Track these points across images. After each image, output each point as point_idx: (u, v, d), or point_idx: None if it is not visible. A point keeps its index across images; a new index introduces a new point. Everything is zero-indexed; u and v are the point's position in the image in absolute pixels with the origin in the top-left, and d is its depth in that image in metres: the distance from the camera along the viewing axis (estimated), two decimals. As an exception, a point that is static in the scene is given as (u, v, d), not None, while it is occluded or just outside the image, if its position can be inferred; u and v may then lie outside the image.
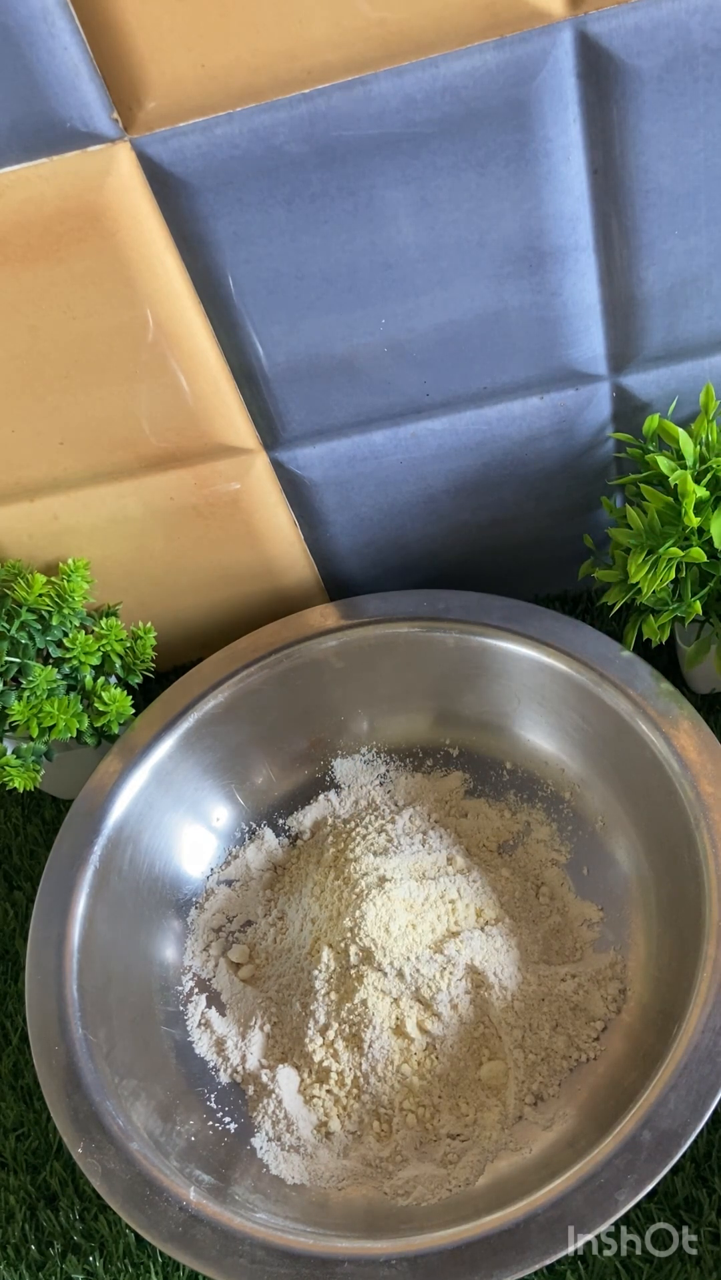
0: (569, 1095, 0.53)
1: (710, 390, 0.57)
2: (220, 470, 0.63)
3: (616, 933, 0.57)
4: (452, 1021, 0.55)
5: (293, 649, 0.65)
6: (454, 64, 0.46)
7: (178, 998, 0.60)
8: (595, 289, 0.54)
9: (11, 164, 0.48)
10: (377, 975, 0.55)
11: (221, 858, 0.65)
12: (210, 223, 0.51)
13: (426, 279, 0.53)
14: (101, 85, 0.46)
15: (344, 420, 0.60)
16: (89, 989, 0.55)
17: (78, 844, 0.60)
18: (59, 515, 0.65)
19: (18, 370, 0.56)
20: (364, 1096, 0.54)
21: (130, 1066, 0.54)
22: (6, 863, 0.70)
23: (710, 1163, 0.51)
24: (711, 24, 0.45)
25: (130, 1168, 0.49)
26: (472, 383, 0.58)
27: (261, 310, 0.54)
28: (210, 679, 0.65)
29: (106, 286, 0.53)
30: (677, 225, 0.52)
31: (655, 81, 0.47)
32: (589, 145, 0.49)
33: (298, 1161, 0.53)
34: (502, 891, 0.60)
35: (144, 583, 0.69)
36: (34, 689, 0.60)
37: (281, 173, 0.49)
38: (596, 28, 0.45)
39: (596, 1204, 0.44)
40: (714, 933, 0.50)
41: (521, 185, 0.50)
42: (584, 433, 0.62)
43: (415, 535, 0.68)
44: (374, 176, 0.49)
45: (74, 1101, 0.51)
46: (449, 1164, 0.52)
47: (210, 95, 0.46)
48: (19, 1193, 0.56)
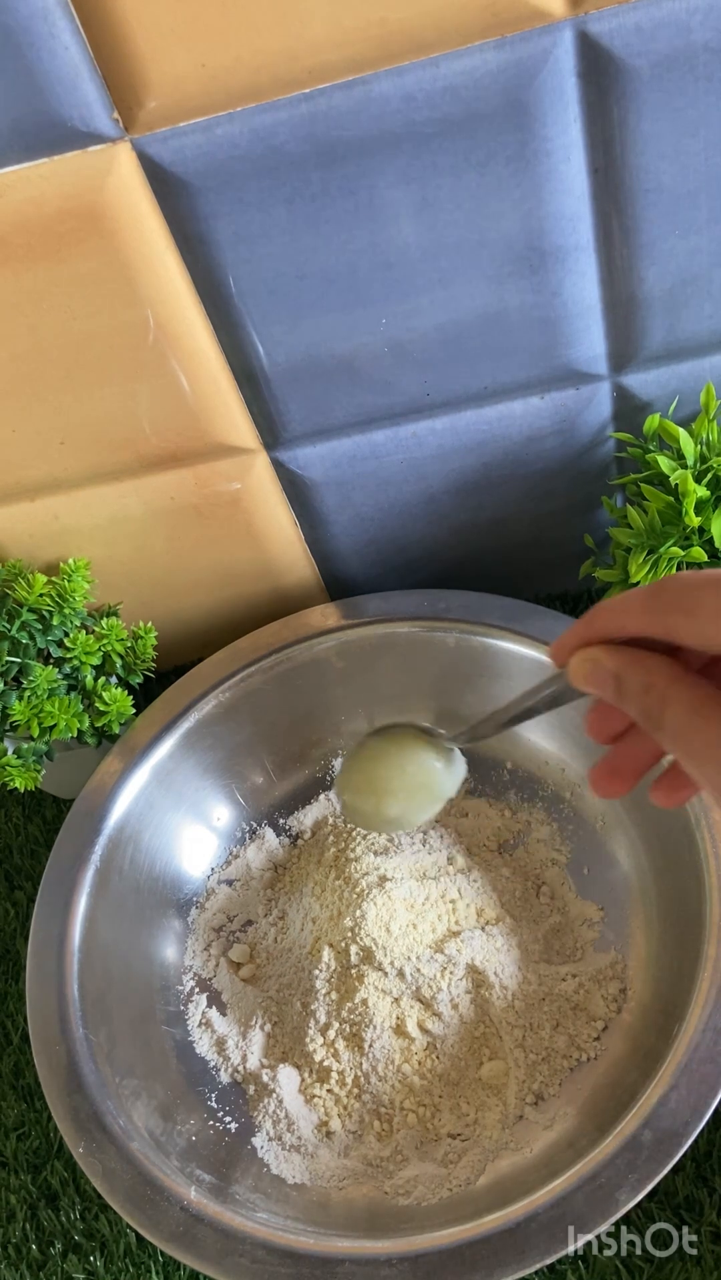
0: (569, 1095, 0.53)
1: (710, 390, 0.57)
2: (221, 470, 0.63)
3: (617, 932, 0.57)
4: (453, 1021, 0.55)
5: (293, 649, 0.65)
6: (454, 64, 0.46)
7: (178, 997, 0.60)
8: (595, 288, 0.54)
9: (12, 164, 0.48)
10: (378, 975, 0.55)
11: (222, 857, 0.65)
12: (211, 222, 0.51)
13: (427, 279, 0.53)
14: (102, 85, 0.46)
15: (344, 420, 0.60)
16: (90, 989, 0.55)
17: (78, 844, 0.60)
18: (59, 515, 0.65)
19: (18, 370, 0.56)
20: (364, 1096, 0.54)
21: (131, 1066, 0.54)
22: (7, 862, 0.70)
23: (710, 1162, 0.51)
24: (712, 23, 0.45)
25: (131, 1167, 0.49)
26: (473, 382, 0.58)
27: (262, 310, 0.54)
28: (211, 679, 0.65)
29: (107, 286, 0.53)
30: (678, 225, 0.52)
31: (655, 81, 0.47)
32: (589, 145, 0.49)
33: (298, 1161, 0.53)
34: (503, 891, 0.60)
35: (144, 582, 0.69)
36: (35, 689, 0.60)
37: (282, 172, 0.49)
38: (597, 27, 0.45)
39: (596, 1204, 0.44)
40: (714, 933, 0.50)
41: (522, 185, 0.50)
42: (584, 432, 0.62)
43: (415, 535, 0.68)
44: (374, 176, 0.49)
45: (75, 1101, 0.51)
46: (449, 1164, 0.52)
47: (211, 95, 0.46)
48: (20, 1192, 0.56)
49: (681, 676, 0.29)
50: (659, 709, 0.29)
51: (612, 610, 0.31)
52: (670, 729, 0.29)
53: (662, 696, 0.29)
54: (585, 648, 0.32)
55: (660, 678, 0.30)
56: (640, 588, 0.30)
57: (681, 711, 0.29)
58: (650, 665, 0.30)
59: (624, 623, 0.30)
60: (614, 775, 0.35)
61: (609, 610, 0.31)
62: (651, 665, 0.30)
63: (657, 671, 0.30)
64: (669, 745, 0.30)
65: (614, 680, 0.31)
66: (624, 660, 0.31)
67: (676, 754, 0.29)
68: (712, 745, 0.28)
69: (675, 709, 0.29)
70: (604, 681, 0.31)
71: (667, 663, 0.30)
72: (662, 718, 0.29)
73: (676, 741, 0.29)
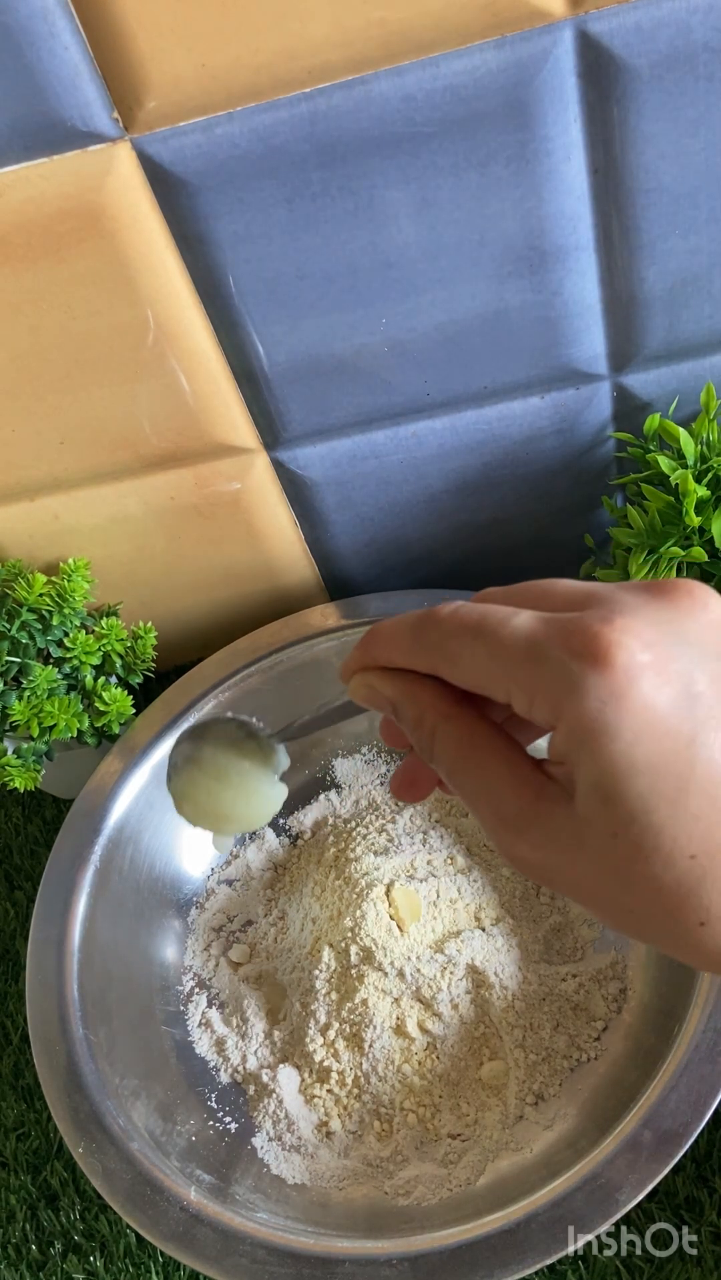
0: (569, 1095, 0.53)
1: (711, 389, 0.57)
2: (221, 470, 0.63)
3: (617, 932, 0.57)
4: (453, 1021, 0.55)
5: (293, 649, 0.65)
6: (454, 63, 0.46)
7: (178, 997, 0.60)
8: (596, 288, 0.54)
9: (12, 164, 0.48)
10: (378, 975, 0.55)
11: (222, 857, 0.65)
12: (211, 222, 0.51)
13: (427, 278, 0.53)
14: (102, 85, 0.46)
15: (344, 420, 0.60)
16: (89, 989, 0.55)
17: (78, 844, 0.60)
18: (59, 515, 0.65)
19: (18, 370, 0.56)
20: (364, 1096, 0.54)
21: (131, 1066, 0.54)
22: (7, 862, 0.70)
23: (710, 1162, 0.51)
24: (712, 23, 0.45)
25: (131, 1167, 0.49)
26: (473, 382, 0.58)
27: (262, 310, 0.54)
28: (210, 679, 0.65)
29: (107, 286, 0.53)
30: (678, 224, 0.52)
31: (656, 81, 0.47)
32: (589, 145, 0.49)
33: (298, 1161, 0.53)
34: (503, 891, 0.60)
35: (144, 582, 0.69)
36: (34, 689, 0.60)
37: (282, 172, 0.49)
38: (597, 27, 0.45)
39: (597, 1204, 0.44)
40: (714, 932, 0.50)
41: (522, 185, 0.50)
42: (584, 432, 0.62)
43: (416, 535, 0.68)
44: (374, 176, 0.49)
45: (75, 1101, 0.51)
46: (449, 1164, 0.52)
47: (211, 95, 0.46)
48: (20, 1192, 0.56)
49: (450, 713, 0.29)
50: (429, 743, 0.29)
51: (384, 641, 0.30)
52: (442, 764, 0.29)
53: (432, 731, 0.29)
54: (362, 671, 0.31)
55: (431, 712, 0.29)
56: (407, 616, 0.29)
57: (451, 748, 0.28)
58: (422, 698, 0.29)
59: (393, 656, 0.30)
60: (411, 783, 0.34)
61: (382, 639, 0.30)
62: (423, 698, 0.29)
63: (430, 705, 0.29)
64: (443, 777, 0.29)
65: (390, 707, 0.30)
66: (398, 689, 0.30)
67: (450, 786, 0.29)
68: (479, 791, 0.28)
69: (444, 745, 0.29)
70: (381, 705, 0.31)
71: (440, 695, 0.29)
72: (433, 752, 0.29)
73: (449, 778, 0.29)
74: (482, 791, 0.28)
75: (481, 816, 0.28)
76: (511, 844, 0.27)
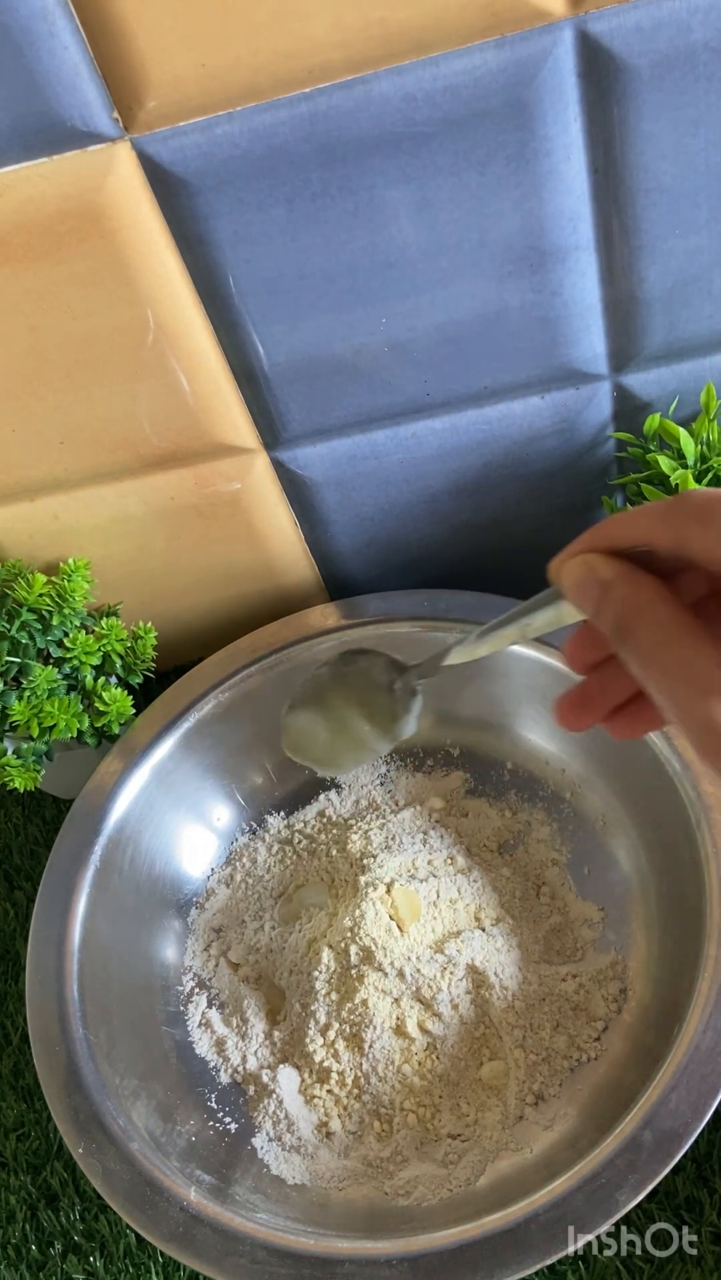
0: (569, 1095, 0.53)
1: (711, 389, 0.57)
2: (221, 470, 0.63)
3: (617, 933, 0.57)
4: (453, 1021, 0.55)
5: (293, 649, 0.65)
6: (454, 63, 0.46)
7: (178, 998, 0.60)
8: (596, 288, 0.54)
9: (12, 164, 0.48)
10: (378, 975, 0.55)
11: (222, 857, 0.65)
12: (210, 222, 0.51)
13: (427, 278, 0.53)
14: (102, 85, 0.46)
15: (344, 420, 0.60)
16: (89, 989, 0.55)
17: (78, 844, 0.60)
18: (59, 515, 0.65)
19: (18, 370, 0.56)
20: (364, 1096, 0.54)
21: (131, 1066, 0.54)
22: (7, 863, 0.70)
23: (711, 1163, 0.51)
24: (712, 23, 0.45)
25: (131, 1168, 0.49)
26: (473, 382, 0.58)
27: (262, 310, 0.54)
28: (210, 679, 0.65)
29: (107, 286, 0.53)
30: (678, 224, 0.52)
31: (656, 80, 0.47)
32: (589, 144, 0.49)
33: (298, 1161, 0.53)
34: (503, 891, 0.60)
35: (144, 582, 0.69)
36: (34, 689, 0.60)
37: (282, 172, 0.49)
38: (597, 27, 0.45)
39: (597, 1204, 0.44)
40: (714, 933, 0.50)
41: (522, 184, 0.50)
42: (585, 432, 0.62)
43: (416, 535, 0.68)
44: (374, 176, 0.49)
45: (75, 1101, 0.51)
46: (449, 1164, 0.52)
47: (210, 95, 0.46)
48: (20, 1193, 0.56)
49: (666, 598, 0.29)
50: (633, 623, 0.29)
51: (627, 517, 0.30)
52: (641, 645, 0.29)
53: (640, 611, 0.29)
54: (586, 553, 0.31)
55: (645, 592, 0.29)
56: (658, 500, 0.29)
57: (655, 629, 0.28)
58: (639, 580, 0.29)
59: (635, 528, 0.30)
60: (581, 706, 0.34)
61: (622, 517, 0.30)
62: (640, 581, 0.29)
63: (645, 587, 0.29)
64: (636, 663, 0.29)
65: (600, 589, 0.30)
66: (616, 570, 0.30)
67: (641, 673, 0.29)
68: (682, 664, 0.28)
69: (650, 627, 0.29)
70: (591, 589, 0.30)
71: (658, 584, 0.29)
72: (636, 632, 0.29)
73: (644, 659, 0.29)
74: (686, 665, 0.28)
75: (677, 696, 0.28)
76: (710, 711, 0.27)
